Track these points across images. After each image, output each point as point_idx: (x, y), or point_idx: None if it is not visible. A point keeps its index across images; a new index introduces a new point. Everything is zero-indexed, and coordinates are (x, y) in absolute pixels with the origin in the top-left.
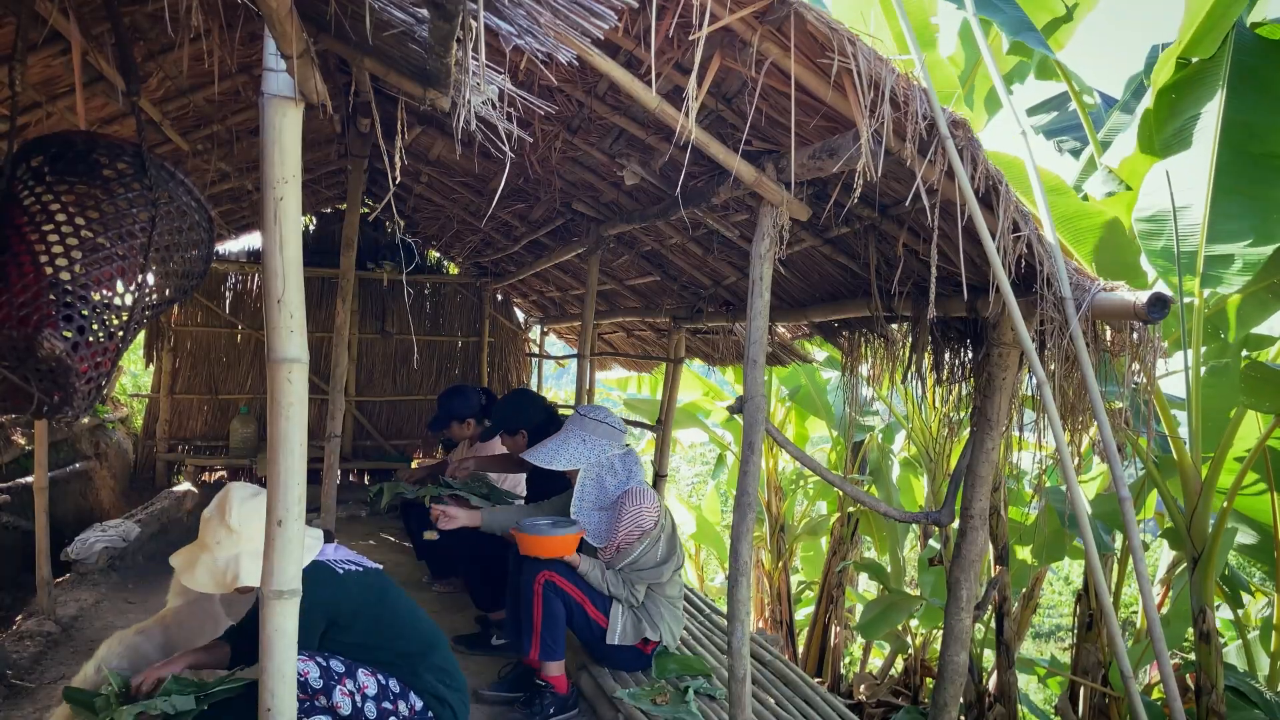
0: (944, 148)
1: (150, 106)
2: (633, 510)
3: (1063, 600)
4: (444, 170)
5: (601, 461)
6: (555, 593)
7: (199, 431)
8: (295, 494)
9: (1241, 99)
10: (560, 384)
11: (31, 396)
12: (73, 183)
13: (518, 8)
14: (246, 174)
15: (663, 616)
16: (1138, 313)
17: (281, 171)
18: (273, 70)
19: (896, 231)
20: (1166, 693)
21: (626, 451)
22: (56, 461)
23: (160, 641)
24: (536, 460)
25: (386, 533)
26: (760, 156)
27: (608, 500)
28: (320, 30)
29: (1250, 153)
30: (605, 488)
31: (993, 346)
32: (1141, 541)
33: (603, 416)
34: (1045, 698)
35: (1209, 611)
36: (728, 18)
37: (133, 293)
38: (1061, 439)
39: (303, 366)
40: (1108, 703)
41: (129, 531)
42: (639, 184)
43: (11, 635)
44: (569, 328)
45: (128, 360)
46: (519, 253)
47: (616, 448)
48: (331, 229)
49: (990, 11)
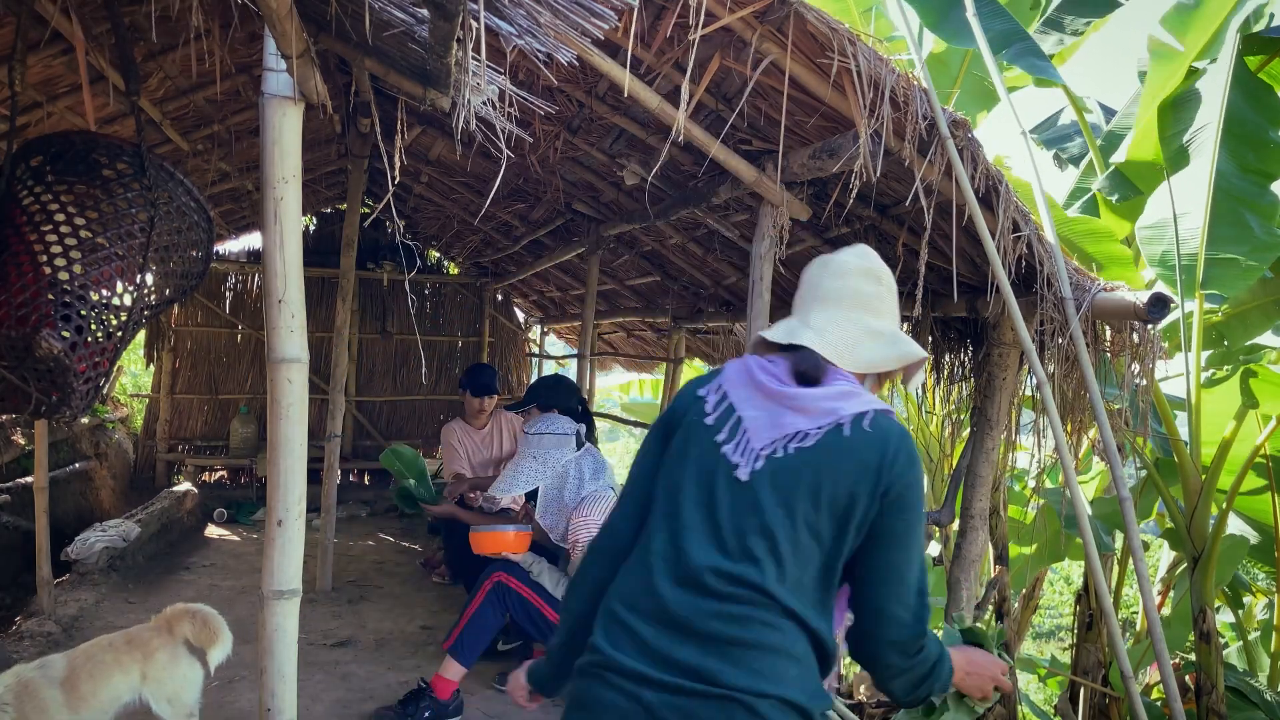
0: (944, 148)
1: (150, 106)
2: (577, 523)
3: (1063, 600)
4: (444, 170)
5: (557, 472)
6: (502, 596)
7: (199, 431)
8: (295, 494)
9: (1239, 110)
10: None
11: (30, 396)
12: (72, 183)
13: (518, 8)
14: (246, 174)
15: None
16: (1138, 313)
17: (281, 171)
18: (273, 70)
19: (896, 231)
20: (1166, 693)
21: (582, 452)
22: (56, 461)
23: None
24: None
25: (386, 533)
26: (760, 156)
27: (569, 509)
28: (320, 30)
29: (1247, 163)
30: (564, 499)
31: (993, 347)
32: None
33: (545, 427)
34: (1045, 698)
35: (1209, 612)
36: (727, 17)
37: (132, 293)
38: (1061, 439)
39: (303, 366)
40: (1108, 703)
41: (129, 531)
42: (639, 184)
43: (12, 635)
44: (569, 328)
45: (128, 360)
46: (519, 253)
47: (569, 451)
48: (331, 229)
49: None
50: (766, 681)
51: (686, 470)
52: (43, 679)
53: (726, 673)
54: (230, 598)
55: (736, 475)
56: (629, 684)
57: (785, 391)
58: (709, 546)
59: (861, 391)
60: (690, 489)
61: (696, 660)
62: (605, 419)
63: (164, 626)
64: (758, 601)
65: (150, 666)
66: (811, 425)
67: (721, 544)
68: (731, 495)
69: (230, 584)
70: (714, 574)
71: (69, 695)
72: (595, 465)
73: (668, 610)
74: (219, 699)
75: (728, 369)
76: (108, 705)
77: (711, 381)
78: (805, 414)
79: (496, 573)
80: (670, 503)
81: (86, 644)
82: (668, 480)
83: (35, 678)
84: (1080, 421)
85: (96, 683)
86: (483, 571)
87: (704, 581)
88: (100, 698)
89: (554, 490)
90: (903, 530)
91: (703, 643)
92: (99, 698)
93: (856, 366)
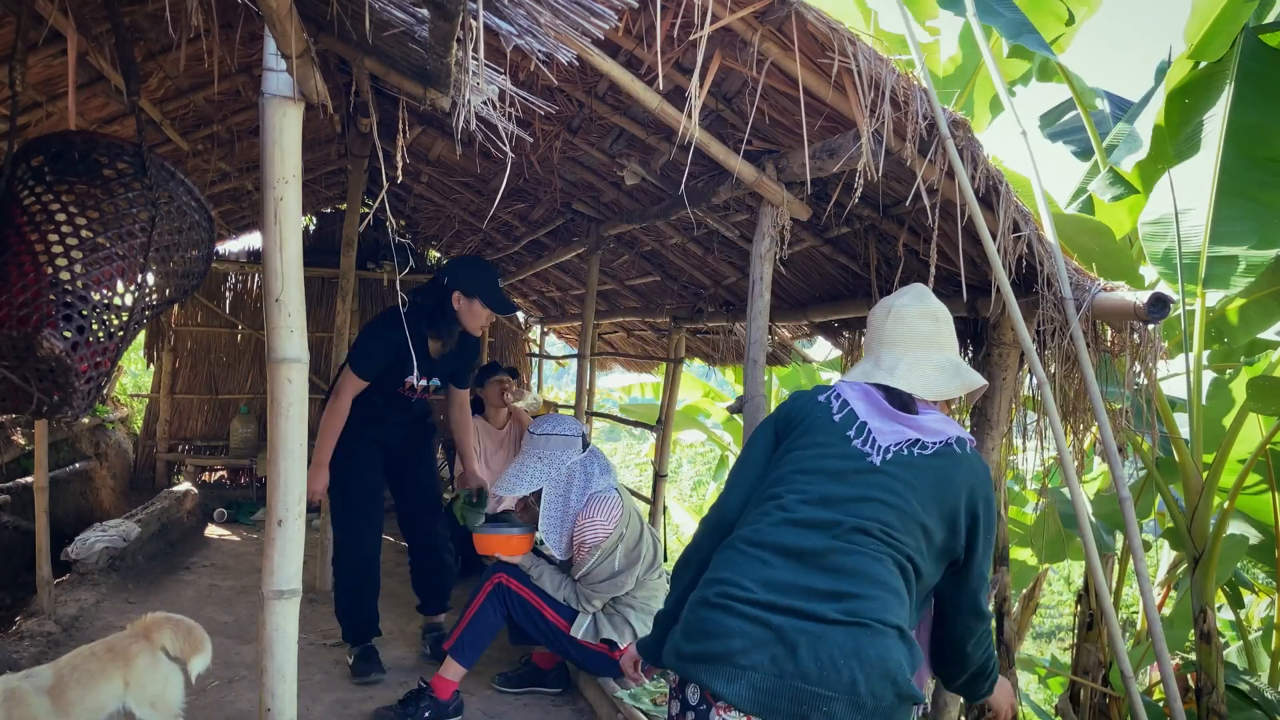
0: (944, 147)
1: (150, 106)
2: (583, 524)
3: (1063, 600)
4: (444, 170)
5: (562, 474)
6: (503, 598)
7: (199, 431)
8: (295, 494)
9: (1247, 103)
10: (560, 384)
11: (31, 396)
12: (73, 182)
13: (518, 8)
14: (246, 174)
15: (628, 621)
16: (1138, 313)
17: (281, 171)
18: (273, 70)
19: (897, 231)
20: (1167, 693)
21: (587, 454)
22: (56, 461)
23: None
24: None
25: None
26: (760, 156)
27: (573, 513)
28: (320, 30)
29: (1255, 156)
30: (569, 501)
31: (993, 346)
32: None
33: (552, 428)
34: (1045, 698)
35: (1209, 611)
36: (728, 17)
37: (133, 293)
38: (1062, 439)
39: (303, 366)
40: (1108, 703)
41: (129, 531)
42: (639, 184)
43: (12, 635)
44: (569, 328)
45: (128, 360)
46: (519, 253)
47: (574, 453)
48: (331, 229)
49: (990, 18)
50: (888, 612)
51: (815, 453)
52: (30, 688)
53: (852, 601)
54: (230, 598)
55: (870, 461)
56: (757, 610)
57: (901, 414)
58: (837, 506)
59: (953, 421)
60: (823, 463)
61: (825, 586)
62: (605, 419)
63: (141, 633)
64: (879, 547)
65: (131, 673)
66: (929, 439)
67: (850, 504)
68: (861, 475)
69: (230, 584)
70: (839, 526)
71: (56, 703)
72: (602, 465)
73: (797, 546)
74: (219, 699)
75: (840, 388)
76: (94, 713)
77: (829, 391)
78: (921, 430)
79: (498, 574)
80: (800, 474)
81: (70, 654)
82: (794, 462)
83: (22, 686)
84: (1081, 421)
85: (83, 690)
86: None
87: (832, 527)
88: (86, 705)
89: (558, 495)
90: (987, 545)
91: (829, 572)
92: (85, 705)
93: (929, 396)
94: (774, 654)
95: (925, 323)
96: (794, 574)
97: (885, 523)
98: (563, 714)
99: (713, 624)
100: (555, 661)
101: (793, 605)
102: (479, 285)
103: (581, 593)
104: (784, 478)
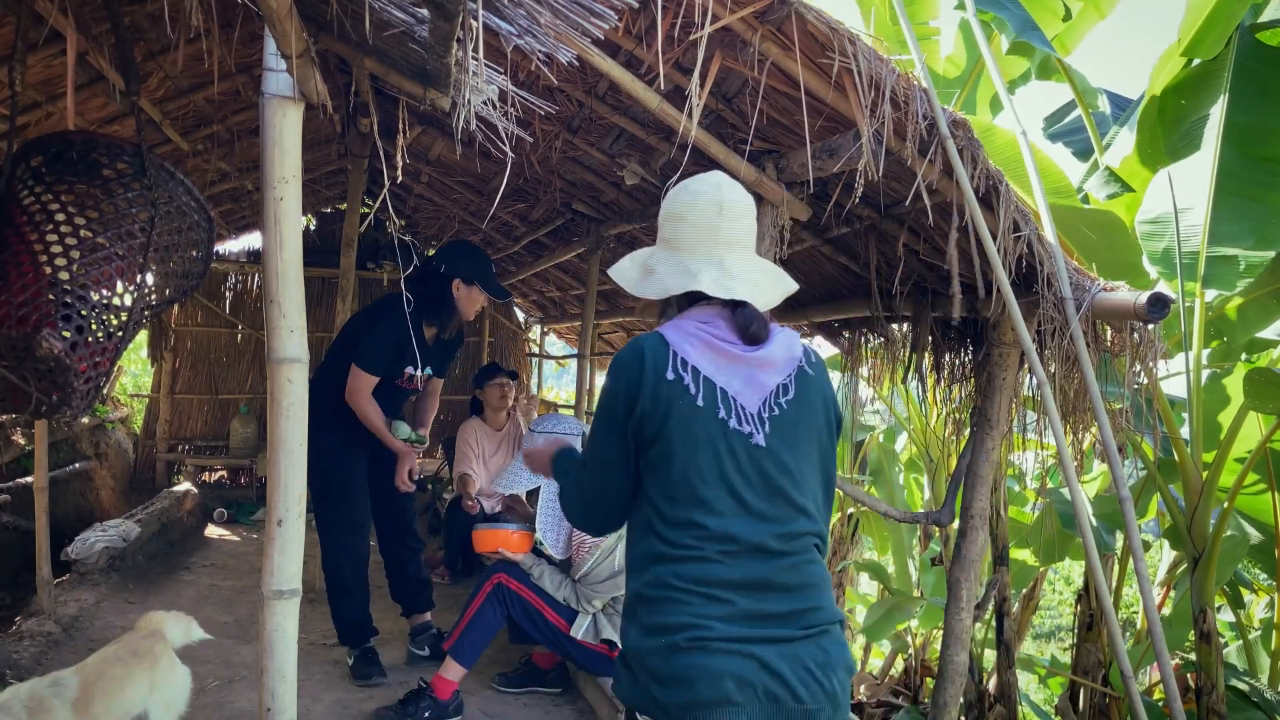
0: (944, 147)
1: (150, 106)
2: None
3: (1063, 600)
4: (444, 170)
5: None
6: (503, 598)
7: (199, 431)
8: (295, 494)
9: (1244, 102)
10: (560, 384)
11: (30, 396)
12: (72, 182)
13: (518, 8)
14: (246, 174)
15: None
16: (1138, 313)
17: (281, 171)
18: (273, 70)
19: (897, 231)
20: (1166, 693)
21: None
22: (56, 461)
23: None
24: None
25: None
26: (760, 156)
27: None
28: (320, 30)
29: (1253, 156)
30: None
31: (993, 346)
32: (1142, 542)
33: (551, 427)
34: (1045, 698)
35: (1209, 611)
36: (728, 17)
37: (132, 293)
38: (1062, 439)
39: (303, 366)
40: (1108, 703)
41: (129, 531)
42: (639, 184)
43: (12, 635)
44: (569, 328)
45: (128, 360)
46: (519, 252)
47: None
48: (331, 229)
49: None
50: (832, 606)
51: (705, 455)
52: (56, 697)
53: (807, 614)
54: (230, 598)
55: (754, 442)
56: (739, 645)
57: (749, 355)
58: (759, 515)
59: (786, 329)
60: (721, 464)
61: (783, 608)
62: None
63: (156, 633)
64: (804, 543)
65: (157, 674)
66: (783, 376)
67: (768, 508)
68: (755, 463)
69: (230, 584)
70: (776, 538)
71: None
72: None
73: (744, 578)
74: (219, 699)
75: (673, 342)
76: (120, 718)
77: (669, 360)
78: (774, 368)
79: (498, 574)
80: (701, 484)
81: (94, 659)
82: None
83: (49, 694)
84: (1081, 421)
85: (110, 700)
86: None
87: (770, 546)
88: (113, 713)
89: (553, 498)
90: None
91: (781, 593)
92: (111, 714)
93: (764, 308)
94: (766, 686)
95: (750, 218)
96: (753, 602)
97: (797, 508)
98: (563, 714)
99: (695, 669)
100: (555, 661)
101: (764, 634)
102: (479, 272)
103: (581, 593)
104: (689, 496)
